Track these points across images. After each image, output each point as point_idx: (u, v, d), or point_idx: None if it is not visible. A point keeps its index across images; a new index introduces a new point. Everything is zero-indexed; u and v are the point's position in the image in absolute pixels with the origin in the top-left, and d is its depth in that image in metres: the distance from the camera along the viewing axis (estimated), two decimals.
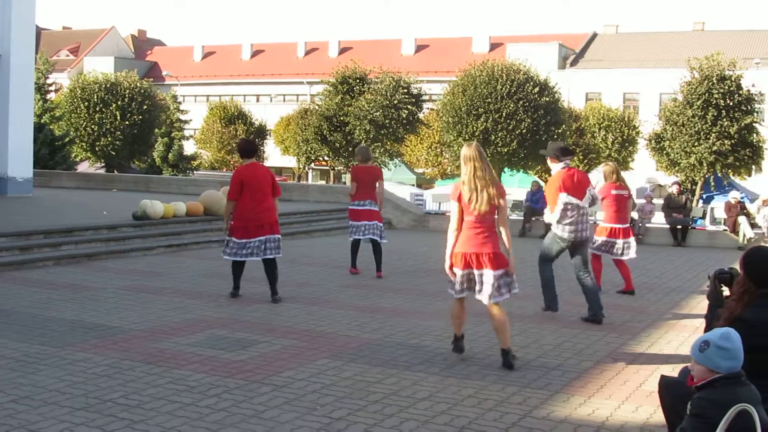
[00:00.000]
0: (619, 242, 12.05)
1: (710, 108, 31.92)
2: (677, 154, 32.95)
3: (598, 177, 32.26)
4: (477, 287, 7.57)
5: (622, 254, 12.14)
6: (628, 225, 12.24)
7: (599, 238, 12.05)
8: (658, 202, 24.20)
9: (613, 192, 11.97)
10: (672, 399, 4.89)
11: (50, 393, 6.40)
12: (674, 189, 21.87)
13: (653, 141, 34.68)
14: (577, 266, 10.02)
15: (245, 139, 12.42)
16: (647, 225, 21.11)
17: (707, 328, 6.63)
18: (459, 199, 7.50)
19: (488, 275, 7.47)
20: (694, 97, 32.45)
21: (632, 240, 12.22)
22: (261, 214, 10.58)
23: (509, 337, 7.69)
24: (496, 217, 7.52)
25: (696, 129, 32.14)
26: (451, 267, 7.65)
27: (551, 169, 10.04)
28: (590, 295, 9.94)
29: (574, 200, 9.73)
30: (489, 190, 7.42)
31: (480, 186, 7.42)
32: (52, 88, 47.42)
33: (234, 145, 55.86)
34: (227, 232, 10.77)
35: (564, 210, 9.69)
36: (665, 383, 5.04)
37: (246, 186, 10.51)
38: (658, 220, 21.90)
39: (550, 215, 9.89)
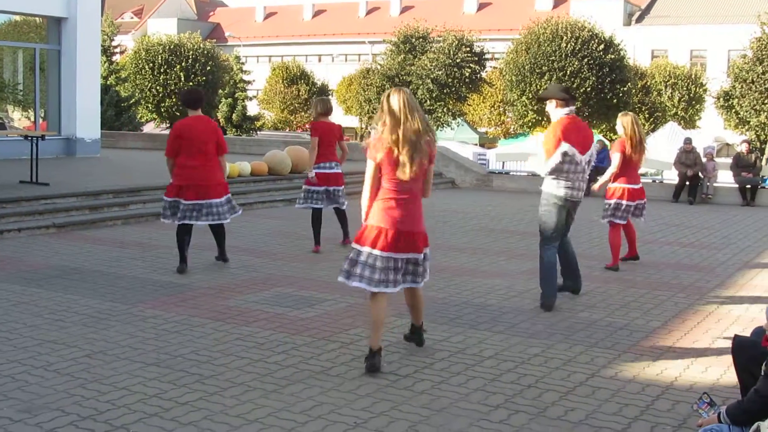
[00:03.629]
0: (640, 203, 10.92)
1: None
2: (747, 112, 32.25)
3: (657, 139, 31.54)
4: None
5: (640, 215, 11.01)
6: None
7: (622, 202, 10.73)
8: (723, 161, 23.75)
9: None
10: (746, 359, 4.81)
11: (122, 348, 6.53)
12: (743, 148, 21.38)
13: (721, 99, 33.97)
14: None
15: (191, 88, 10.69)
16: (715, 184, 20.72)
17: None
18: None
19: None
20: (764, 53, 31.67)
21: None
22: (196, 174, 9.48)
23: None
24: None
25: (766, 86, 31.37)
26: None
27: (552, 114, 8.40)
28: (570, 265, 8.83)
29: (576, 153, 8.18)
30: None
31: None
32: (117, 50, 47.91)
33: (297, 105, 56.10)
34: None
35: (561, 162, 8.11)
36: (738, 343, 4.96)
37: (183, 142, 9.41)
38: (726, 179, 21.47)
39: (542, 165, 8.23)
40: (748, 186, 20.14)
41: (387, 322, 7.53)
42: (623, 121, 10.61)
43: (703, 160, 21.18)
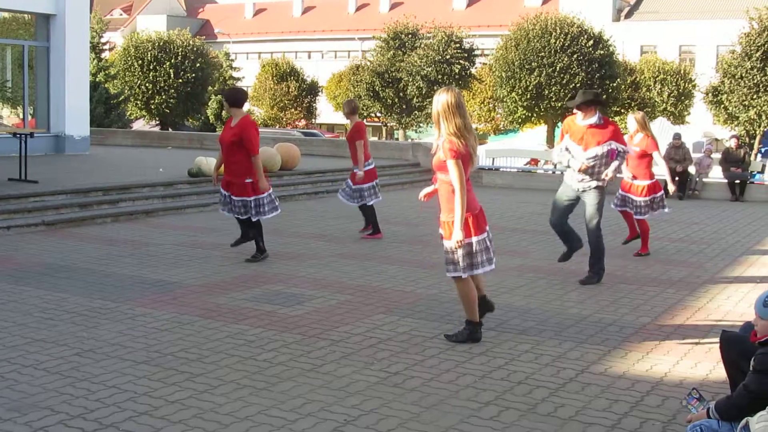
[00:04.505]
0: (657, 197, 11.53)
1: None
2: (735, 107, 32.35)
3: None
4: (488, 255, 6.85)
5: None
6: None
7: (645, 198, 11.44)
8: (716, 156, 23.81)
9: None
10: (734, 354, 4.82)
11: (112, 347, 6.51)
12: (732, 143, 21.46)
13: (710, 94, 34.07)
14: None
15: (233, 87, 11.37)
16: (704, 180, 20.79)
17: None
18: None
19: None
20: (753, 48, 31.76)
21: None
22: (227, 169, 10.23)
23: None
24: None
25: (755, 81, 31.50)
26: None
27: (583, 116, 9.17)
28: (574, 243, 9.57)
29: (574, 147, 9.16)
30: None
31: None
32: (107, 47, 47.81)
33: (287, 102, 56.05)
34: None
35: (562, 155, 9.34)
36: (727, 338, 4.97)
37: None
38: (716, 174, 21.54)
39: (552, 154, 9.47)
40: (737, 181, 20.22)
41: (377, 319, 7.55)
42: (637, 118, 11.40)
43: (701, 155, 21.27)
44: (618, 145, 9.15)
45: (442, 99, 6.54)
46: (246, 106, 10.76)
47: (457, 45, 40.76)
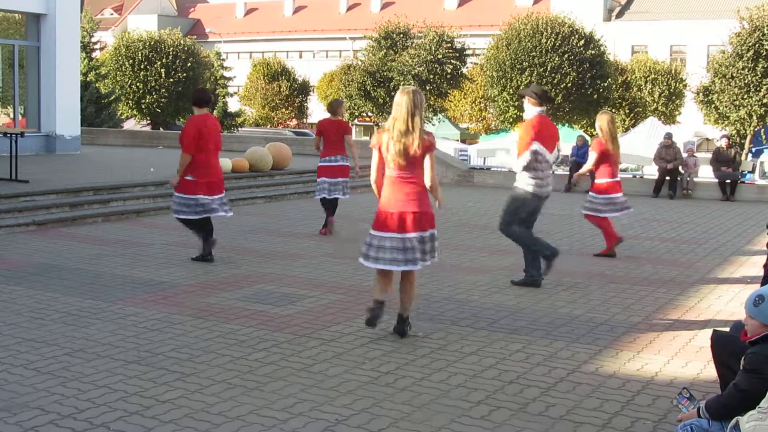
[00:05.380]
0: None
1: (761, 60, 31.31)
2: (726, 107, 32.42)
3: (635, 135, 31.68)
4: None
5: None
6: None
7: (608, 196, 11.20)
8: (703, 155, 23.90)
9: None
10: (724, 354, 4.84)
11: (103, 346, 6.50)
12: (723, 142, 21.52)
13: (701, 94, 34.13)
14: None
15: (198, 88, 11.06)
16: (696, 179, 20.84)
17: (764, 281, 6.56)
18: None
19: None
20: (743, 48, 31.83)
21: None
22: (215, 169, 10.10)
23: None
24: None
25: (746, 81, 31.58)
26: None
27: (526, 111, 8.96)
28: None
29: (546, 152, 8.83)
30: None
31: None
32: (97, 46, 47.65)
33: (278, 101, 55.99)
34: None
35: (533, 160, 8.76)
36: (717, 338, 4.98)
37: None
38: (706, 174, 21.61)
39: (515, 162, 8.90)
40: (728, 181, 20.28)
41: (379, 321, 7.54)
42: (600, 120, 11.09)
43: (684, 155, 21.30)
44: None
45: (422, 98, 6.77)
46: (237, 106, 10.75)
47: (449, 45, 40.74)
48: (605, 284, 9.37)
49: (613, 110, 41.64)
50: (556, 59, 35.31)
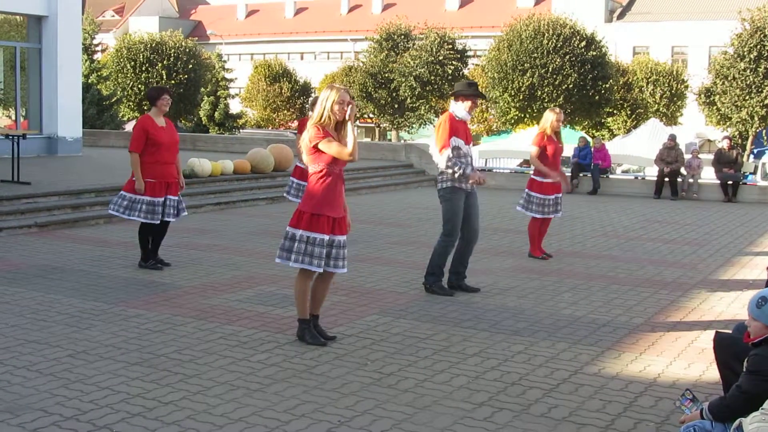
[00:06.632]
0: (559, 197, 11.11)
1: (762, 61, 31.30)
2: (728, 108, 32.42)
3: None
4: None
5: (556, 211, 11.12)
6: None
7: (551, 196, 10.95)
8: (705, 157, 23.88)
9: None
10: (727, 355, 4.83)
11: (105, 348, 6.50)
12: (725, 144, 21.49)
13: (703, 95, 34.14)
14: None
15: (155, 86, 10.52)
16: (699, 181, 20.83)
17: None
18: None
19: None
20: (745, 49, 31.84)
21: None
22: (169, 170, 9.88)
23: None
24: None
25: (747, 82, 31.58)
26: None
27: (452, 108, 8.79)
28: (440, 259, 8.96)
29: (464, 145, 8.67)
30: None
31: None
32: (99, 48, 47.70)
33: (279, 103, 55.97)
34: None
35: (454, 156, 8.56)
36: (720, 339, 4.98)
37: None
38: (708, 175, 21.60)
39: (439, 157, 8.69)
40: (730, 182, 20.27)
41: (370, 320, 7.55)
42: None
43: (689, 156, 21.29)
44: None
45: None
46: (238, 108, 10.68)
47: (450, 46, 40.82)
48: (607, 285, 9.37)
49: (615, 111, 41.62)
50: (558, 60, 35.32)
